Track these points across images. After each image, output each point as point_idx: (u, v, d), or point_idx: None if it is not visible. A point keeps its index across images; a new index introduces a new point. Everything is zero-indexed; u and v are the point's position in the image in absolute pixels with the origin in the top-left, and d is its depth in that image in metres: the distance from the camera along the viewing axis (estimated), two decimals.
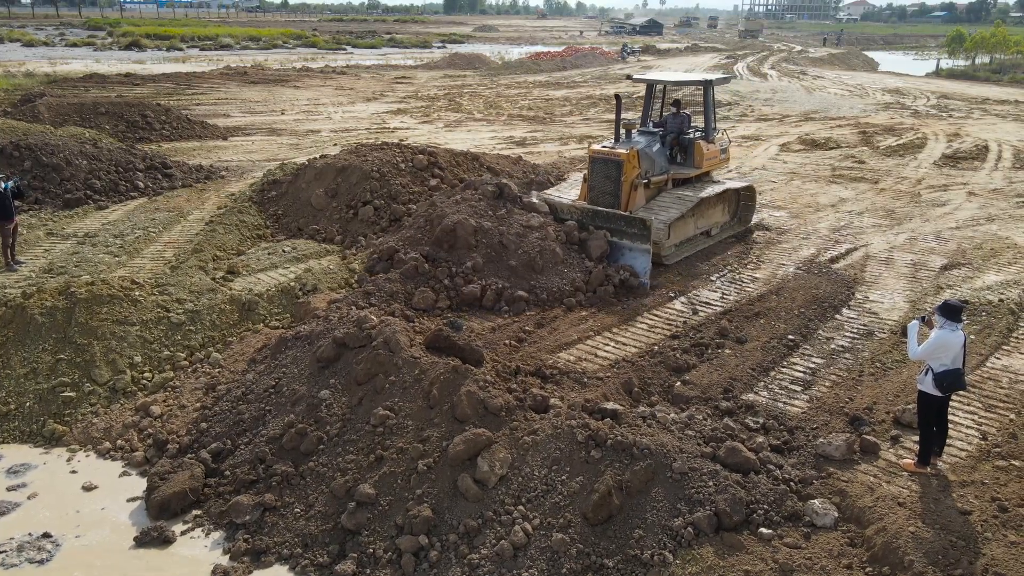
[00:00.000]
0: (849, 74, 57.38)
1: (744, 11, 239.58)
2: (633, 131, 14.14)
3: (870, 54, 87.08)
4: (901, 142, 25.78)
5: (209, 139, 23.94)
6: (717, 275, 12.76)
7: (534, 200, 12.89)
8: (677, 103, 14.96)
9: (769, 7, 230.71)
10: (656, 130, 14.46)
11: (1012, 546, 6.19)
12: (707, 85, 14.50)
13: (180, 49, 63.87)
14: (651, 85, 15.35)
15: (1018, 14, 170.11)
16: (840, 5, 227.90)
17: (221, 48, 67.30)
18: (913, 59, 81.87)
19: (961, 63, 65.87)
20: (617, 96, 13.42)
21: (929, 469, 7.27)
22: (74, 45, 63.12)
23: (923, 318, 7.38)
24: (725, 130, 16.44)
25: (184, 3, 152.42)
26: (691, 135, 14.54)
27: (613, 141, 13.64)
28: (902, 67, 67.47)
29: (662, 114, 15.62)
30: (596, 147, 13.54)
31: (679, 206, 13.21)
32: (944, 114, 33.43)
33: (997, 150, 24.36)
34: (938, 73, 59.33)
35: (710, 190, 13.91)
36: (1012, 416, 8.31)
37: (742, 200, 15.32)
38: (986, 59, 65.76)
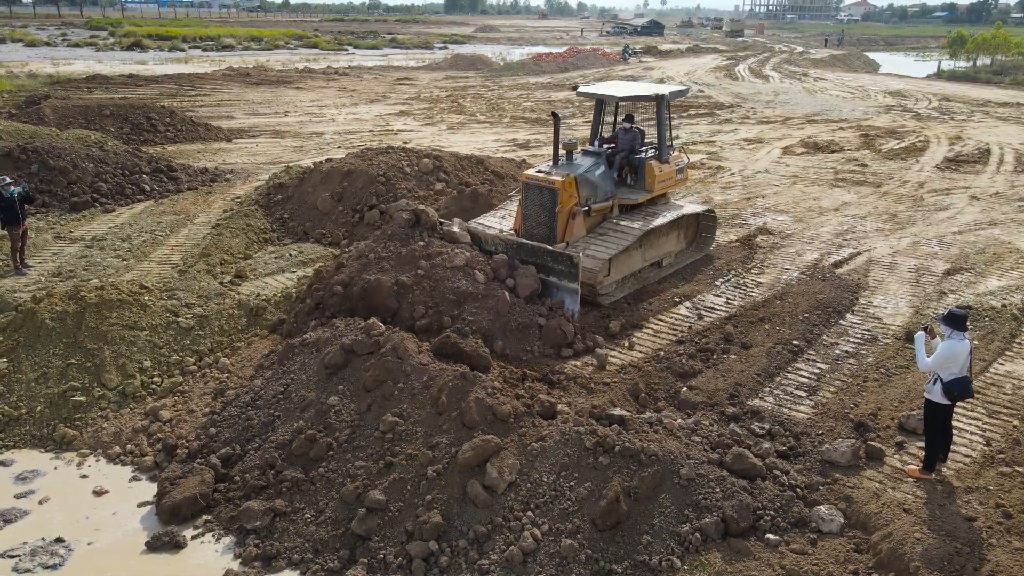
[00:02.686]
0: (850, 76, 57.44)
1: (744, 12, 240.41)
2: (576, 152, 12.44)
3: (871, 55, 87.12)
4: (903, 145, 25.84)
5: (213, 141, 24.02)
6: (722, 280, 12.82)
7: (455, 229, 11.30)
8: (630, 117, 13.52)
9: (770, 7, 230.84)
10: (602, 149, 12.94)
11: (1016, 552, 6.26)
12: (659, 100, 12.86)
13: (182, 50, 63.95)
14: (600, 99, 13.70)
15: (1019, 15, 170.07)
16: (841, 6, 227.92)
17: (223, 49, 67.38)
18: (914, 60, 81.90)
19: (962, 65, 65.93)
20: (555, 115, 11.95)
21: (934, 475, 7.34)
22: (76, 45, 63.16)
23: (926, 327, 7.44)
24: (683, 147, 15.07)
25: (185, 3, 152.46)
26: (643, 154, 13.08)
27: (551, 164, 12.06)
28: (903, 68, 67.51)
29: (615, 128, 13.99)
30: (530, 172, 11.96)
31: (620, 239, 11.70)
32: (946, 116, 33.49)
33: (999, 153, 24.41)
34: (939, 75, 59.37)
35: (661, 219, 12.40)
36: (1016, 422, 8.38)
37: (702, 225, 13.96)
38: (987, 61, 65.80)
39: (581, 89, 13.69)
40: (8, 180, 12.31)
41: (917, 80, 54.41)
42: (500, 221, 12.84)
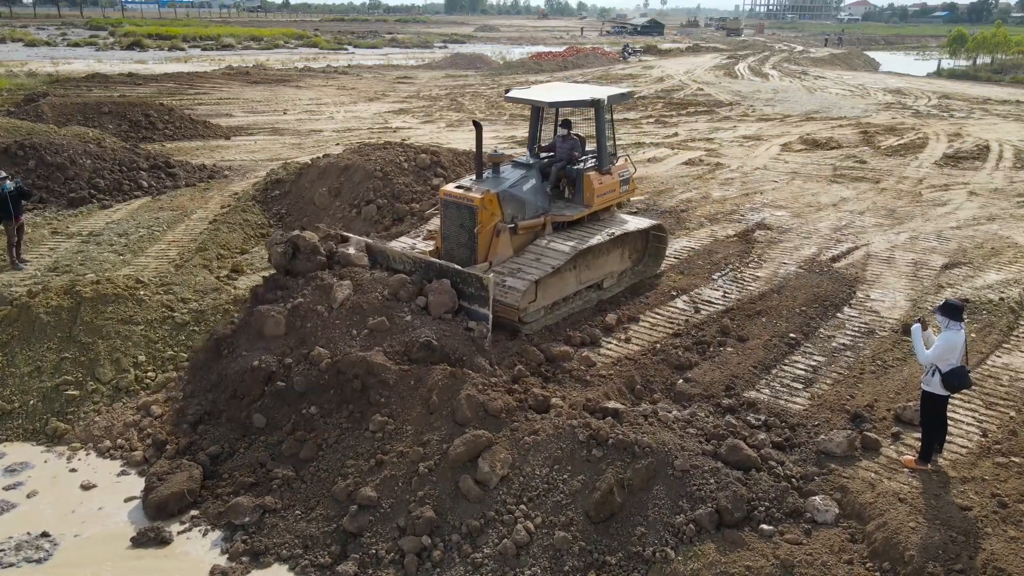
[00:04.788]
0: (850, 74, 57.37)
1: (745, 12, 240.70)
2: (504, 164, 11.18)
3: (871, 54, 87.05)
4: (902, 142, 25.79)
5: (212, 139, 24.00)
6: (719, 274, 12.77)
7: (351, 251, 10.02)
8: (567, 123, 12.21)
9: (770, 7, 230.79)
10: (534, 161, 11.54)
11: (1012, 541, 6.22)
12: (596, 105, 11.39)
13: (182, 49, 63.92)
14: (532, 104, 12.15)
15: (1019, 14, 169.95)
16: (841, 5, 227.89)
17: (223, 48, 67.38)
18: (914, 59, 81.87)
19: (962, 63, 65.87)
20: (476, 123, 10.68)
21: (930, 466, 7.30)
22: (76, 45, 63.16)
23: (921, 320, 7.40)
24: (628, 155, 13.45)
25: (185, 3, 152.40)
26: (582, 164, 11.73)
27: (475, 177, 10.82)
28: (903, 67, 67.47)
29: (555, 133, 12.54)
30: (448, 187, 10.73)
31: (547, 262, 10.33)
32: (945, 114, 33.44)
33: (998, 150, 24.37)
34: (939, 73, 59.32)
35: (597, 238, 11.02)
36: (1012, 413, 8.34)
37: (651, 241, 12.55)
38: (987, 59, 65.74)
39: (511, 94, 11.97)
40: (3, 175, 12.29)
41: (917, 78, 54.38)
42: (421, 242, 11.72)
